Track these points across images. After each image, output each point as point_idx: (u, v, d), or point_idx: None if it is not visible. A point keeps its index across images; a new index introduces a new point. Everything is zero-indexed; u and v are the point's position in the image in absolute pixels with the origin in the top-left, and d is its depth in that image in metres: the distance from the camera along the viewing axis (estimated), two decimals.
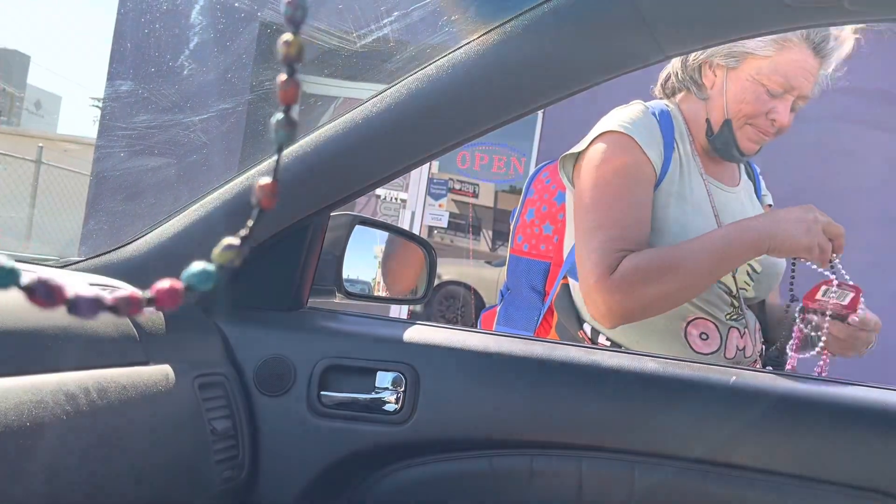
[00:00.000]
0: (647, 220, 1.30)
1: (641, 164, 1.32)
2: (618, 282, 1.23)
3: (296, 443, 0.97)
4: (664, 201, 1.33)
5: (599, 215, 1.29)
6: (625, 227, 1.27)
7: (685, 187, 1.36)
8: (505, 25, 0.92)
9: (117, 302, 0.29)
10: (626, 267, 1.23)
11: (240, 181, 1.00)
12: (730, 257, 1.24)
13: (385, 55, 3.31)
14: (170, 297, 0.30)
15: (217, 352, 0.97)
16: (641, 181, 1.32)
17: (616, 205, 1.29)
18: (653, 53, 0.92)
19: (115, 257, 1.00)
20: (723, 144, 1.40)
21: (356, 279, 1.25)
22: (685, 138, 1.41)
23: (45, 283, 0.27)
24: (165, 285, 0.30)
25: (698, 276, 1.24)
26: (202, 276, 0.31)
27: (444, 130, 0.97)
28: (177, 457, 0.81)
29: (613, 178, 1.31)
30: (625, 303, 1.23)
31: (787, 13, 0.83)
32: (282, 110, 0.31)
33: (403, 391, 0.98)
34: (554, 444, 0.97)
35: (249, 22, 4.96)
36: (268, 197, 0.33)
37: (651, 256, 1.24)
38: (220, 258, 0.32)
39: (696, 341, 1.33)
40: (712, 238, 1.24)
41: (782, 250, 1.23)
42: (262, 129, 5.03)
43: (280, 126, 0.32)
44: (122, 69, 5.08)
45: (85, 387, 0.69)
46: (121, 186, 4.99)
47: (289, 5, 0.30)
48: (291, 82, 0.31)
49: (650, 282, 1.22)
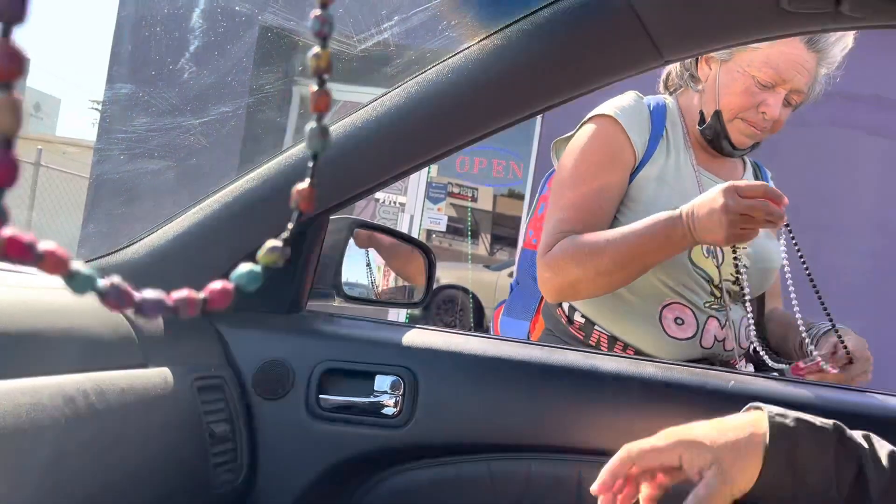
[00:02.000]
0: (607, 207, 1.32)
1: (621, 147, 1.34)
2: (549, 260, 1.29)
3: (294, 446, 0.97)
4: (643, 184, 1.34)
5: (561, 196, 1.34)
6: (578, 210, 1.30)
7: (669, 173, 1.36)
8: (505, 30, 0.92)
9: (177, 303, 0.31)
10: (557, 248, 1.29)
11: (239, 185, 1.01)
12: (652, 248, 1.22)
13: (385, 59, 3.31)
14: (222, 297, 0.32)
15: (216, 355, 0.97)
16: (615, 166, 1.34)
17: (578, 188, 1.32)
18: (652, 59, 0.92)
19: (113, 260, 1.00)
20: (713, 135, 1.39)
21: (355, 282, 1.26)
22: (678, 128, 1.42)
23: (118, 288, 0.29)
24: (218, 286, 0.32)
25: (622, 264, 1.23)
26: (250, 276, 0.33)
27: (443, 134, 0.98)
28: (175, 460, 0.81)
29: (584, 162, 1.34)
30: (554, 280, 1.30)
31: (785, 19, 0.83)
32: (314, 119, 0.33)
33: (402, 395, 0.98)
34: (552, 449, 0.97)
35: (249, 26, 4.97)
36: (305, 200, 0.35)
37: (580, 240, 1.27)
38: (265, 259, 0.33)
39: (670, 325, 1.33)
40: (634, 225, 1.24)
41: (708, 244, 1.23)
42: (262, 132, 5.04)
43: (315, 135, 0.34)
44: (121, 72, 5.08)
45: (83, 389, 0.69)
46: (120, 189, 4.99)
47: (317, 19, 0.31)
48: (322, 93, 0.33)
49: (575, 264, 1.26)
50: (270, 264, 0.33)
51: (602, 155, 1.34)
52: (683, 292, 1.34)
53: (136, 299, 0.29)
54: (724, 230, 1.13)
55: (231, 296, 0.32)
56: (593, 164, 1.34)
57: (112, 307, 0.29)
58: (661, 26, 0.87)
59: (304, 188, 0.34)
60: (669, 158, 1.38)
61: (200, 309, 0.32)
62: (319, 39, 0.32)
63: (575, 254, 1.26)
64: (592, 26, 0.89)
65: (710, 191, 1.17)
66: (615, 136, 1.34)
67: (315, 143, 0.33)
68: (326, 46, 0.32)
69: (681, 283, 1.33)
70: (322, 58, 0.32)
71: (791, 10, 0.80)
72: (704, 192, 1.19)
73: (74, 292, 0.28)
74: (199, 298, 0.32)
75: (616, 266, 1.24)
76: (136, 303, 0.30)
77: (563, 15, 0.89)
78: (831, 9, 0.78)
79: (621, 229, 1.26)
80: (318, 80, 0.32)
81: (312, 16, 0.31)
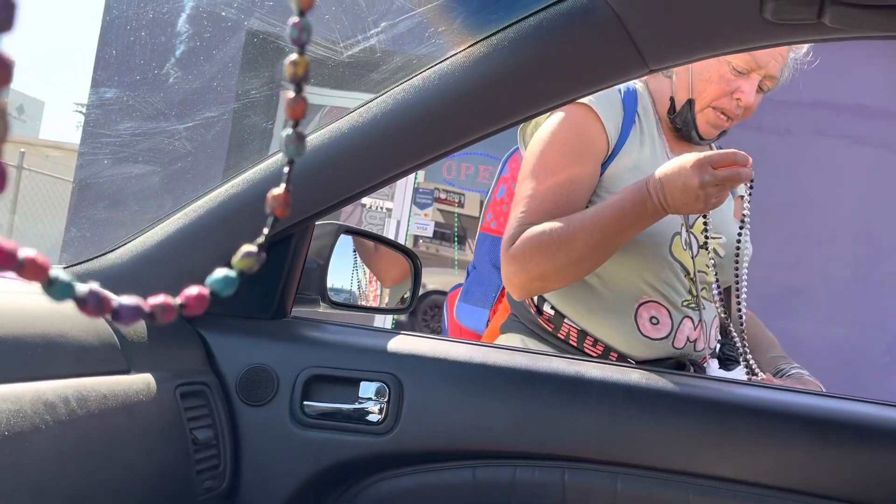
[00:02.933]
0: (575, 201, 1.28)
1: (594, 136, 1.31)
2: (512, 255, 1.24)
3: (278, 453, 0.97)
4: (619, 174, 1.32)
5: (528, 187, 1.29)
6: (545, 202, 1.27)
7: (644, 161, 1.34)
8: (491, 38, 0.92)
9: (154, 309, 0.31)
10: (519, 241, 1.24)
11: (224, 190, 1.00)
12: (626, 227, 1.20)
13: (372, 65, 3.31)
14: (198, 302, 0.32)
15: (199, 361, 0.97)
16: (586, 157, 1.30)
17: (546, 180, 1.28)
18: (637, 67, 0.93)
19: (97, 265, 1.00)
20: (683, 124, 1.38)
21: (341, 288, 1.25)
22: (650, 114, 1.40)
23: (96, 294, 0.29)
24: (194, 292, 0.32)
25: (596, 247, 1.21)
26: (225, 281, 0.33)
27: (430, 140, 0.98)
28: (157, 467, 0.81)
29: (555, 151, 1.30)
30: (521, 275, 1.25)
31: (768, 29, 0.84)
32: (290, 126, 0.33)
33: (387, 401, 0.98)
34: (537, 455, 0.97)
35: (236, 31, 4.96)
36: (281, 206, 0.34)
37: (542, 228, 1.23)
38: (241, 265, 0.33)
39: (645, 325, 1.31)
40: (603, 206, 1.21)
41: (682, 213, 1.22)
42: (247, 137, 5.02)
43: (290, 141, 0.34)
44: (106, 76, 5.05)
45: (64, 396, 0.68)
46: (104, 193, 4.95)
47: (294, 27, 0.31)
48: (299, 99, 0.33)
49: (544, 255, 1.22)
50: (246, 269, 0.33)
51: (574, 144, 1.30)
52: (663, 289, 1.32)
53: (113, 305, 0.30)
54: (703, 203, 1.15)
55: (207, 301, 0.32)
56: (564, 153, 1.30)
57: (90, 314, 0.29)
58: (646, 35, 0.88)
59: (280, 194, 0.34)
60: (644, 147, 1.36)
61: (177, 314, 0.32)
62: (297, 47, 0.32)
63: (542, 244, 1.22)
64: (578, 34, 0.89)
65: (675, 163, 1.16)
66: (588, 125, 1.30)
67: (291, 150, 0.33)
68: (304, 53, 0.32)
69: (662, 280, 1.32)
70: (300, 65, 0.32)
71: (774, 20, 0.81)
72: (667, 163, 1.17)
73: (53, 299, 0.28)
74: (176, 304, 0.32)
75: (590, 251, 1.21)
76: (114, 309, 0.30)
77: (549, 23, 0.89)
78: (814, 20, 0.79)
79: (587, 214, 1.22)
80: (296, 87, 0.32)
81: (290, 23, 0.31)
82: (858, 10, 0.77)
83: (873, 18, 0.78)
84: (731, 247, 1.39)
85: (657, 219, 1.21)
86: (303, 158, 0.98)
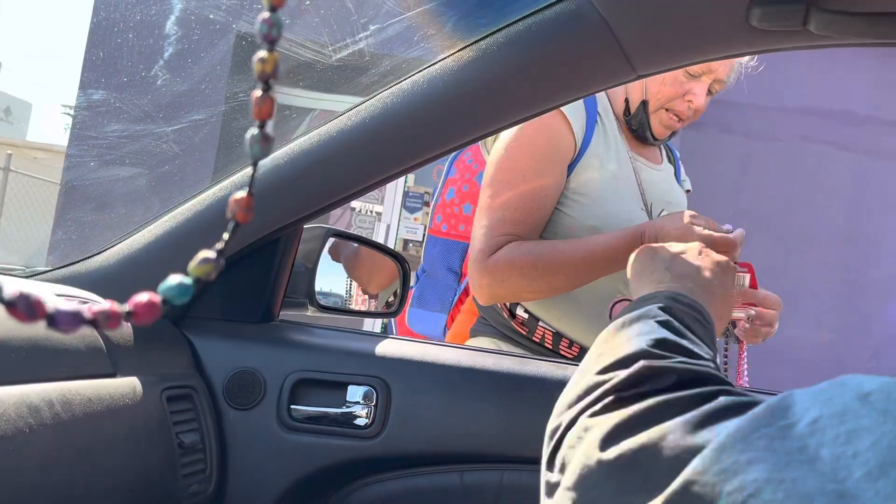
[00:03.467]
0: (545, 207, 1.30)
1: (561, 138, 1.31)
2: (491, 267, 1.25)
3: (265, 457, 0.96)
4: (586, 174, 1.33)
5: (498, 194, 1.29)
6: (518, 210, 1.27)
7: (610, 161, 1.36)
8: (480, 42, 0.92)
9: (97, 316, 0.29)
10: (502, 256, 1.25)
11: (212, 193, 1.00)
12: (612, 267, 1.23)
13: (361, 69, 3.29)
14: (148, 310, 0.30)
15: (186, 364, 0.96)
16: (555, 162, 1.30)
17: (517, 186, 1.29)
18: (624, 73, 0.93)
19: (83, 268, 0.99)
20: (638, 125, 1.41)
21: (329, 292, 1.25)
22: (610, 114, 1.42)
23: (27, 298, 0.27)
24: (144, 299, 0.30)
25: (578, 280, 1.24)
26: (179, 289, 0.31)
27: (419, 144, 0.98)
28: (143, 471, 0.80)
29: (524, 156, 1.30)
30: (493, 287, 1.27)
31: (754, 36, 0.84)
32: (257, 126, 0.32)
33: (375, 405, 0.97)
34: (524, 459, 0.97)
35: (225, 33, 4.94)
36: (243, 211, 0.33)
37: (528, 251, 1.24)
38: (197, 271, 0.31)
39: None
40: (594, 243, 1.23)
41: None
42: (236, 140, 5.01)
43: (255, 141, 0.32)
44: (94, 78, 5.03)
45: (49, 399, 0.68)
46: (91, 196, 4.92)
47: (264, 23, 0.30)
48: (267, 98, 0.31)
49: (522, 276, 1.23)
50: (202, 276, 0.31)
51: (542, 148, 1.30)
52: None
53: (48, 311, 0.28)
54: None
55: (158, 309, 0.30)
56: (533, 158, 1.30)
57: (21, 319, 0.27)
58: (634, 41, 0.88)
59: (242, 197, 0.33)
60: (609, 147, 1.37)
61: (123, 322, 0.30)
62: (266, 43, 0.31)
63: (524, 267, 1.23)
64: (566, 40, 0.90)
65: (677, 227, 1.15)
66: (556, 127, 1.31)
67: (256, 150, 0.32)
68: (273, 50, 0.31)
69: None
70: (268, 62, 0.31)
71: (760, 27, 0.82)
72: (669, 222, 1.17)
73: None
74: (122, 311, 0.30)
75: (571, 282, 1.25)
76: (49, 315, 0.28)
77: (538, 28, 0.90)
78: (800, 27, 0.80)
79: (577, 249, 1.23)
80: (264, 85, 0.31)
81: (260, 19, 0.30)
82: (843, 17, 0.78)
83: (858, 26, 0.79)
84: None
85: None
86: (291, 161, 0.98)
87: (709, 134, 4.51)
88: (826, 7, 0.77)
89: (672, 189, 1.48)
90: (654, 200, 1.40)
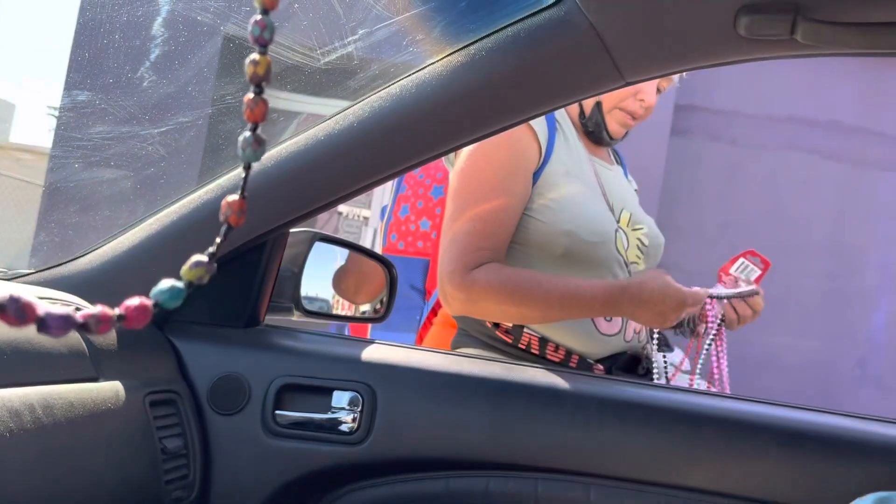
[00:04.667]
0: (514, 214, 1.31)
1: (527, 147, 1.32)
2: (468, 285, 1.26)
3: (249, 463, 0.96)
4: (554, 180, 1.34)
5: (467, 206, 1.30)
6: (488, 221, 1.28)
7: (574, 165, 1.38)
8: (469, 47, 0.92)
9: (88, 319, 0.29)
10: (482, 277, 1.25)
11: (197, 196, 0.99)
12: (582, 313, 1.29)
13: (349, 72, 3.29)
14: (140, 314, 0.30)
15: (170, 368, 0.95)
16: (521, 172, 1.31)
17: (487, 199, 1.29)
18: (613, 79, 0.93)
19: (66, 270, 0.98)
20: (594, 126, 1.43)
21: (315, 296, 1.24)
22: (567, 119, 1.44)
23: (17, 301, 0.27)
24: (135, 302, 0.30)
25: (544, 313, 1.28)
26: (171, 293, 0.31)
27: (406, 149, 0.98)
28: (125, 476, 0.79)
29: (491, 167, 1.31)
30: (466, 304, 1.28)
31: (742, 45, 0.85)
32: (249, 129, 0.31)
33: (360, 411, 0.97)
34: (510, 466, 0.97)
35: (212, 35, 4.92)
36: (235, 214, 0.33)
37: (507, 279, 1.25)
38: (189, 275, 0.31)
39: (601, 322, 1.35)
40: (575, 287, 1.26)
41: (638, 322, 1.32)
42: (223, 143, 4.99)
43: (247, 144, 0.32)
44: (79, 79, 4.99)
45: (30, 403, 0.67)
46: (75, 198, 4.88)
47: (256, 25, 0.30)
48: (259, 101, 0.31)
49: (496, 302, 1.26)
50: (195, 280, 0.31)
51: (509, 158, 1.31)
52: None
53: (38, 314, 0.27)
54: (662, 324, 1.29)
55: (149, 313, 0.30)
56: (501, 167, 1.30)
57: (10, 323, 0.27)
58: (623, 48, 0.89)
59: (235, 200, 0.32)
60: (571, 151, 1.39)
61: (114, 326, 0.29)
62: (259, 45, 0.30)
63: (501, 293, 1.25)
64: (555, 46, 0.90)
65: (657, 292, 1.24)
66: (520, 136, 1.31)
67: (248, 154, 0.32)
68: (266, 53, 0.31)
69: (611, 277, 1.37)
70: (261, 64, 0.30)
71: (748, 36, 0.82)
72: (648, 285, 1.25)
73: None
74: (113, 315, 0.29)
75: (543, 318, 1.29)
76: (39, 318, 0.27)
77: (527, 34, 0.90)
78: (787, 36, 0.80)
79: (555, 289, 1.25)
80: (256, 88, 0.31)
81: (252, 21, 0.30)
82: (830, 27, 0.78)
83: (844, 36, 0.79)
84: (653, 236, 1.47)
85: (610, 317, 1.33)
86: (278, 165, 0.97)
87: (695, 142, 4.53)
88: (813, 17, 0.78)
89: (626, 189, 1.51)
90: (614, 201, 1.42)
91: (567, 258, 1.32)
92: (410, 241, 1.63)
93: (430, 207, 1.61)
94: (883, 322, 4.46)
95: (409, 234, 1.63)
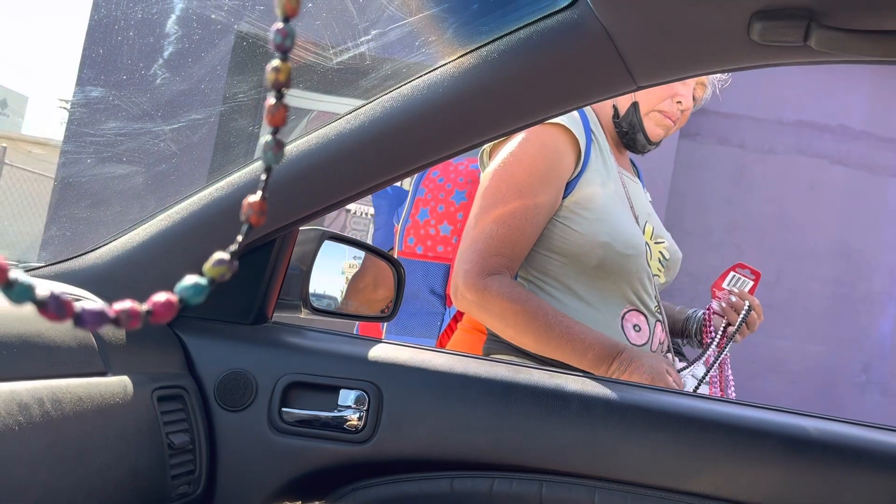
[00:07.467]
0: (537, 223, 1.31)
1: (563, 156, 1.32)
2: (480, 289, 1.27)
3: (254, 459, 0.96)
4: (591, 190, 1.34)
5: (493, 207, 1.30)
6: (510, 226, 1.29)
7: (608, 176, 1.39)
8: (481, 49, 0.92)
9: (119, 315, 0.30)
10: (495, 289, 1.27)
11: (208, 193, 1.00)
12: (572, 358, 1.28)
13: (361, 72, 3.30)
14: (166, 309, 0.31)
15: (178, 364, 0.96)
16: (552, 180, 1.31)
17: (512, 202, 1.30)
18: (625, 84, 0.93)
19: (76, 264, 0.98)
20: (629, 127, 1.43)
21: (323, 294, 1.25)
22: (600, 130, 1.44)
23: (57, 298, 0.28)
24: (162, 298, 0.31)
25: (539, 345, 1.29)
26: (195, 289, 0.31)
27: (417, 149, 0.98)
28: (132, 470, 0.80)
29: (523, 172, 1.31)
30: (473, 306, 1.30)
31: (755, 51, 0.85)
32: (270, 132, 0.32)
33: (366, 410, 0.97)
34: (515, 467, 0.97)
35: (225, 33, 4.94)
36: (256, 214, 0.33)
37: (517, 299, 1.27)
38: (212, 272, 0.32)
39: (630, 332, 1.36)
40: (576, 332, 1.27)
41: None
42: (234, 140, 5.00)
43: (269, 147, 0.32)
44: (93, 74, 5.02)
45: (39, 397, 0.67)
46: (86, 193, 4.91)
47: (278, 33, 0.30)
48: (280, 106, 0.32)
49: (500, 315, 1.27)
50: (217, 277, 0.32)
51: (544, 164, 1.31)
52: (641, 297, 1.37)
53: (76, 310, 0.28)
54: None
55: (175, 308, 0.31)
56: (534, 173, 1.31)
57: (51, 318, 0.28)
58: (636, 52, 0.89)
59: (256, 201, 0.33)
60: (606, 162, 1.40)
61: (143, 321, 0.31)
62: (280, 52, 0.31)
63: (506, 311, 1.27)
64: (568, 49, 0.90)
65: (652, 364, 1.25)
66: (559, 145, 1.31)
67: (269, 157, 0.32)
68: (287, 59, 0.31)
69: (639, 288, 1.37)
70: (282, 71, 0.31)
71: (761, 42, 0.82)
72: (647, 359, 1.26)
73: (12, 302, 0.27)
74: (142, 311, 0.31)
75: (535, 348, 1.30)
76: (76, 314, 0.29)
77: (539, 36, 0.90)
78: (800, 43, 0.80)
79: (559, 322, 1.26)
80: (277, 94, 0.32)
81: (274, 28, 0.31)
82: (844, 34, 0.78)
83: (858, 43, 0.79)
84: (673, 250, 1.48)
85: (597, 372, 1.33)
86: (288, 163, 0.97)
87: (704, 145, 4.52)
88: (827, 24, 0.78)
89: (646, 201, 1.52)
90: (640, 213, 1.43)
91: (600, 268, 1.32)
92: (430, 246, 1.62)
93: (451, 212, 1.61)
94: (889, 328, 4.44)
95: (428, 238, 1.63)
